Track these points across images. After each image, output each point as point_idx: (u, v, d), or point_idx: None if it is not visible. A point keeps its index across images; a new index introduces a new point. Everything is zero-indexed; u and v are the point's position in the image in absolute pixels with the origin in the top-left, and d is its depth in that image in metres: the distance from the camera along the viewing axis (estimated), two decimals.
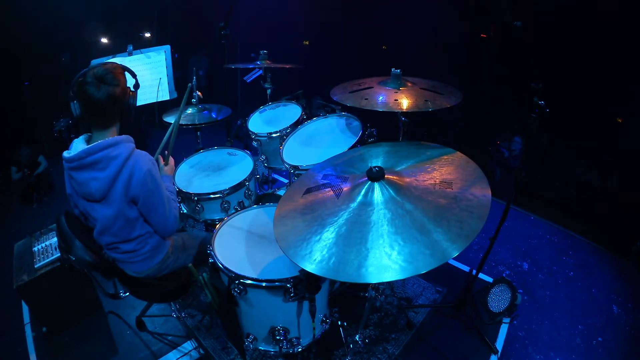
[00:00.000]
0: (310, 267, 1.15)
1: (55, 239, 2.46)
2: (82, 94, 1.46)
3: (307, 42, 6.23)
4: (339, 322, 2.11)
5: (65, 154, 1.53)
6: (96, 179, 1.48)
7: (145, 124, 5.67)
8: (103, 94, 1.46)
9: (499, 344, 2.27)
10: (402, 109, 1.88)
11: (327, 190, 1.43)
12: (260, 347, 1.77)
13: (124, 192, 1.51)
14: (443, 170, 1.38)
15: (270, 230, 1.78)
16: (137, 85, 1.64)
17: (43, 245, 2.42)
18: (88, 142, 1.55)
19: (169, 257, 1.84)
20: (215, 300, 1.78)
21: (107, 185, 1.50)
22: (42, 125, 4.84)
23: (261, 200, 2.50)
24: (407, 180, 1.35)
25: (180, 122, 2.57)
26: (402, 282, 2.69)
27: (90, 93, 1.45)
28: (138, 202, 1.56)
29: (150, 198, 1.56)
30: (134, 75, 1.63)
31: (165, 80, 2.53)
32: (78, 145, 1.53)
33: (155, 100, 2.51)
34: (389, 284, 2.60)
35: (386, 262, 1.09)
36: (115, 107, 1.52)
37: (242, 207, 2.31)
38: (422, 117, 1.99)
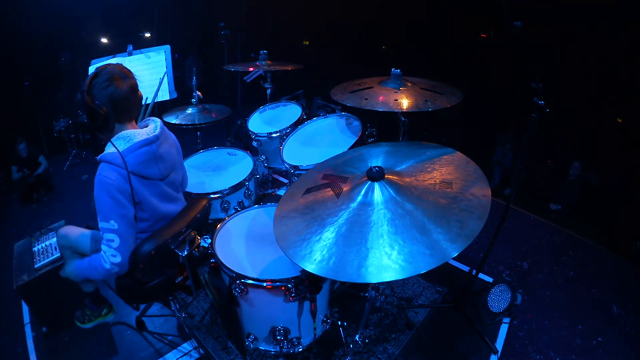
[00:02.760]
0: (311, 267, 1.15)
1: (55, 238, 2.46)
2: (106, 96, 1.45)
3: (307, 42, 6.23)
4: (339, 322, 2.11)
5: (146, 137, 1.52)
6: (172, 146, 1.72)
7: None
8: (127, 87, 1.50)
9: (499, 344, 2.27)
10: (402, 109, 1.88)
11: (327, 190, 1.43)
12: (260, 347, 1.77)
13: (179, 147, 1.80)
14: (443, 170, 1.39)
15: (270, 230, 1.78)
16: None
17: (43, 245, 2.42)
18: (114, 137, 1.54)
19: None
20: (216, 300, 1.78)
21: (177, 148, 1.76)
22: (42, 125, 4.85)
23: (261, 200, 2.51)
24: (407, 180, 1.35)
25: (180, 122, 2.59)
26: (402, 282, 2.69)
27: (114, 90, 1.46)
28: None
29: None
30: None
31: (165, 80, 2.53)
32: (120, 144, 1.49)
33: (155, 100, 2.50)
34: (389, 284, 2.60)
35: (386, 262, 1.09)
36: (137, 97, 1.58)
37: (242, 207, 2.31)
38: (422, 117, 2.00)
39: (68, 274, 1.80)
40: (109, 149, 1.49)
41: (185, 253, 1.63)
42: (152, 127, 1.63)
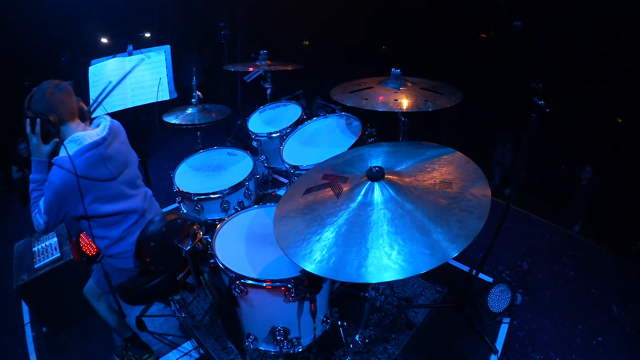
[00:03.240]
0: (310, 267, 1.15)
1: (56, 238, 2.46)
2: (44, 104, 1.56)
3: (307, 42, 6.23)
4: (339, 322, 2.11)
5: (94, 139, 1.57)
6: (122, 143, 1.75)
7: (145, 124, 5.66)
8: (60, 93, 1.60)
9: (499, 344, 2.27)
10: (402, 109, 1.88)
11: (327, 190, 1.43)
12: (260, 347, 1.77)
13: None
14: (443, 170, 1.38)
15: (270, 231, 1.78)
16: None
17: (43, 245, 2.42)
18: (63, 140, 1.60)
19: None
20: (216, 300, 1.78)
21: (127, 144, 1.79)
22: None
23: (261, 200, 2.51)
24: (407, 180, 1.35)
25: (180, 122, 2.59)
26: (402, 282, 2.69)
27: (49, 98, 1.57)
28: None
29: None
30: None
31: (165, 80, 2.53)
32: (72, 147, 1.55)
33: (155, 101, 2.50)
34: (389, 284, 2.60)
35: (386, 262, 1.09)
36: (73, 99, 1.67)
37: (242, 207, 2.31)
38: (422, 117, 2.00)
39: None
40: (62, 153, 1.55)
41: (189, 247, 1.64)
42: (102, 127, 1.67)
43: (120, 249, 1.75)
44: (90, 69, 2.45)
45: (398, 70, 2.07)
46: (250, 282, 1.55)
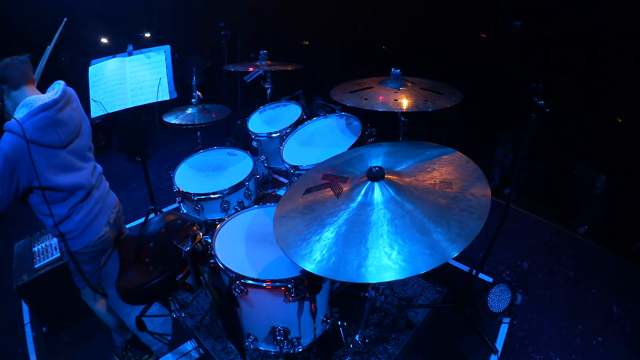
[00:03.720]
0: (310, 267, 1.15)
1: (56, 239, 2.46)
2: (11, 69, 1.58)
3: (307, 42, 6.23)
4: (339, 322, 2.11)
5: (45, 102, 1.54)
6: (75, 109, 1.71)
7: (145, 124, 5.67)
8: (18, 59, 1.62)
9: (499, 344, 2.27)
10: (402, 109, 1.88)
11: (327, 190, 1.43)
12: (260, 347, 1.77)
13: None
14: (443, 170, 1.38)
15: (270, 231, 1.78)
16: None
17: (43, 245, 2.42)
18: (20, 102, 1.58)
19: None
20: (216, 300, 1.78)
21: (81, 111, 1.76)
22: None
23: (261, 200, 2.50)
24: (407, 180, 1.35)
25: (180, 122, 2.59)
26: (402, 282, 2.69)
27: (4, 67, 1.58)
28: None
29: None
30: None
31: (165, 80, 2.53)
32: (23, 111, 1.53)
33: (155, 101, 2.50)
34: (389, 284, 2.60)
35: (386, 262, 1.09)
36: (27, 65, 1.66)
37: (242, 207, 2.31)
38: (422, 117, 2.00)
39: None
40: (17, 114, 1.53)
41: (188, 248, 1.64)
42: (55, 90, 1.64)
43: (67, 228, 1.72)
44: (90, 69, 2.45)
45: (398, 70, 2.07)
46: (250, 282, 1.55)
